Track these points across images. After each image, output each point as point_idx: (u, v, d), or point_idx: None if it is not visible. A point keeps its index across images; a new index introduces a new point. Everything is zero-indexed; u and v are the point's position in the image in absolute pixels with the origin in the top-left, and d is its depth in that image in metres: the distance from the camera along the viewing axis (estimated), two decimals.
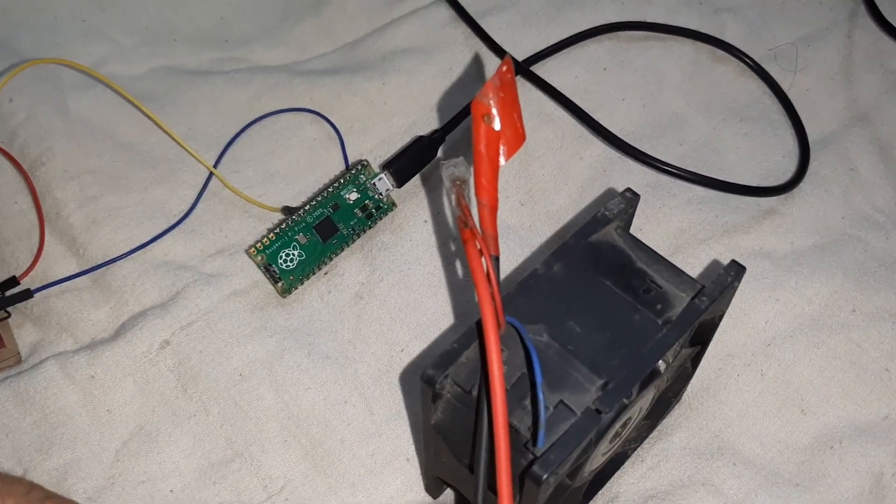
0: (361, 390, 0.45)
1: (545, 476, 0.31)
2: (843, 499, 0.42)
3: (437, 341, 0.47)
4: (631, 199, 0.38)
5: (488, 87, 0.32)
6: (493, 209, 0.33)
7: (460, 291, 0.49)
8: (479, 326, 0.34)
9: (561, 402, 0.33)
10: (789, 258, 0.49)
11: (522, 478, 0.32)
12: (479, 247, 0.32)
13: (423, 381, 0.34)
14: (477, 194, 0.33)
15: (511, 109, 0.33)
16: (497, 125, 0.32)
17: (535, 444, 0.31)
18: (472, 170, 0.35)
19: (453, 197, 0.35)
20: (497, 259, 0.33)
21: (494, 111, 0.32)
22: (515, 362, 0.34)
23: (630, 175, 0.53)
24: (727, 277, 0.36)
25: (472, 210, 0.33)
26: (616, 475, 0.43)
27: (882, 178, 0.53)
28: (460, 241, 0.50)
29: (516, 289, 0.36)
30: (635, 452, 0.44)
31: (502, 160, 0.33)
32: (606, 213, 0.38)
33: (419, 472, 0.43)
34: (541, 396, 0.31)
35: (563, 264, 0.37)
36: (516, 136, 0.33)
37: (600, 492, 0.42)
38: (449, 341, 0.34)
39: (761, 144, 0.55)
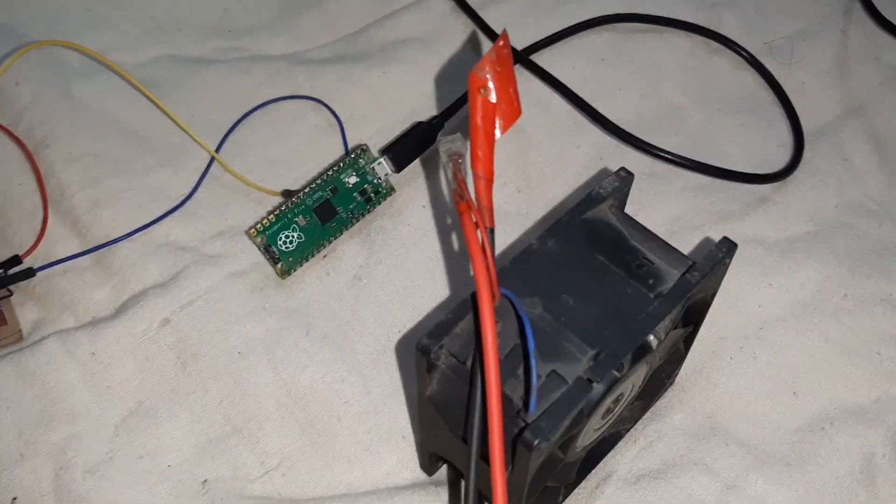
0: (359, 369, 0.46)
1: (536, 441, 0.31)
2: (834, 478, 0.42)
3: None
4: (625, 177, 0.39)
5: (485, 60, 0.33)
6: (489, 182, 0.34)
7: (457, 275, 0.49)
8: (474, 298, 0.34)
9: (553, 371, 0.34)
10: (782, 244, 0.50)
11: (514, 444, 0.33)
12: (474, 219, 0.33)
13: (418, 351, 0.34)
14: (473, 167, 0.33)
15: (507, 83, 0.33)
16: (493, 98, 0.33)
17: (526, 410, 0.32)
18: (466, 145, 0.36)
19: (450, 171, 0.35)
20: (492, 231, 0.34)
21: (491, 84, 0.33)
22: (509, 334, 0.35)
23: (626, 163, 0.52)
24: (718, 254, 0.37)
25: (469, 184, 0.34)
26: (609, 454, 0.43)
27: (875, 168, 0.54)
28: (457, 223, 0.51)
29: (511, 263, 0.37)
30: (629, 433, 0.44)
31: (498, 133, 0.34)
32: (601, 190, 0.38)
33: (415, 449, 0.43)
34: (533, 363, 0.32)
35: (557, 240, 0.37)
36: (512, 109, 0.34)
37: (594, 470, 0.43)
38: None
39: (757, 135, 0.56)
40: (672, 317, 0.36)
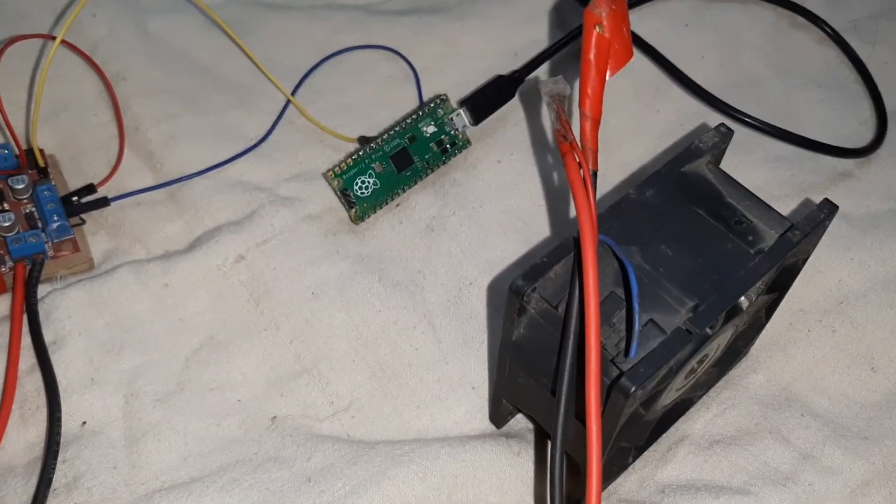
0: (430, 318, 0.45)
1: (633, 388, 0.31)
2: None
3: (506, 277, 0.47)
4: (725, 133, 0.38)
5: None
6: (596, 122, 0.33)
7: (530, 233, 0.49)
8: (574, 240, 0.34)
9: (651, 320, 0.33)
10: (865, 220, 0.49)
11: (609, 391, 0.32)
12: (577, 160, 0.32)
13: (510, 292, 0.34)
14: (581, 104, 0.33)
15: (621, 22, 0.33)
16: (607, 36, 0.32)
17: (627, 354, 0.31)
18: (569, 87, 0.35)
19: (553, 112, 0.34)
20: (595, 174, 0.33)
21: (605, 22, 0.32)
22: (605, 281, 0.34)
23: (706, 130, 0.52)
24: (819, 214, 0.36)
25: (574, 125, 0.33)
26: (682, 419, 0.43)
27: None
28: (533, 180, 0.50)
29: (608, 211, 0.36)
30: (701, 399, 0.43)
31: (609, 74, 0.33)
32: (700, 145, 0.38)
33: (484, 401, 0.43)
34: (636, 307, 0.31)
35: (655, 190, 0.37)
36: (624, 49, 0.33)
37: (665, 434, 0.42)
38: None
39: (838, 111, 0.54)
40: (767, 278, 0.36)
